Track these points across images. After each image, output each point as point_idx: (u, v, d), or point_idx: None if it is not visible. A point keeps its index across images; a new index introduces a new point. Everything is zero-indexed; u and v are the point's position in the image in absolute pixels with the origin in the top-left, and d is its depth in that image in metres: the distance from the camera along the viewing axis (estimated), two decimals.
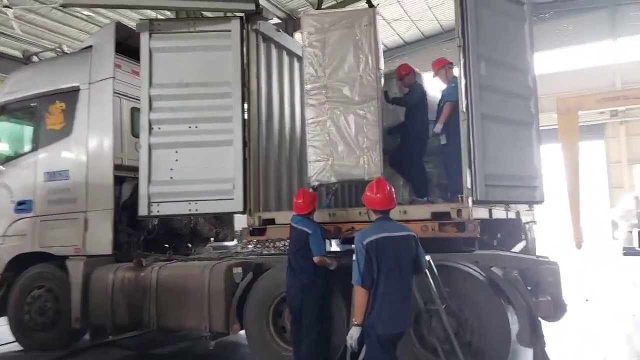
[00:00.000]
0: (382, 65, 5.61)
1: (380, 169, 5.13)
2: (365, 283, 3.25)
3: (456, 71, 5.75)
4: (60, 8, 15.41)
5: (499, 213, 5.48)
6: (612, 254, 15.23)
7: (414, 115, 5.87)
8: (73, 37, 16.74)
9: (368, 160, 5.12)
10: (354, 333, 3.29)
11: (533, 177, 5.07)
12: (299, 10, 16.97)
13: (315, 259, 4.47)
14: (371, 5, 5.70)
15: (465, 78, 4.67)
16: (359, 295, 3.29)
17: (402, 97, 5.96)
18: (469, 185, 4.51)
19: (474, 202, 4.51)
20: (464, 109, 4.62)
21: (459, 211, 4.52)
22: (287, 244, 6.28)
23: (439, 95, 7.69)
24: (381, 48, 6.09)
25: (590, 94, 17.69)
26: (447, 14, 21.91)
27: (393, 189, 3.61)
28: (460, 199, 5.03)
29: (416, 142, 5.87)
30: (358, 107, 5.18)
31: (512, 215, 6.16)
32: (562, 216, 14.33)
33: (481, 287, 4.26)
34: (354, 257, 3.35)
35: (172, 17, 6.57)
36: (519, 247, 6.26)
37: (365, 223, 5.00)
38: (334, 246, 6.59)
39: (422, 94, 5.97)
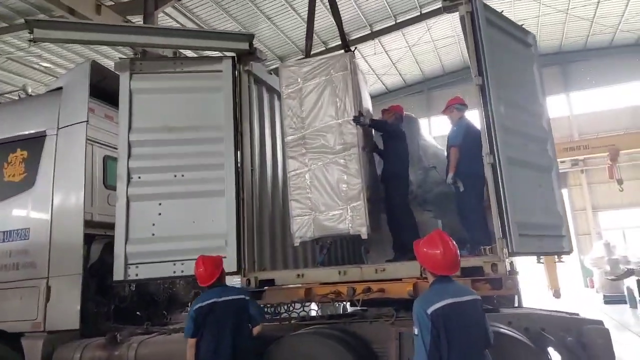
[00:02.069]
0: (368, 108, 5.17)
1: (366, 220, 4.72)
2: None
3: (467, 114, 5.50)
4: (16, 59, 14.73)
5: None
6: (590, 301, 15.06)
7: (390, 153, 5.51)
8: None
9: (352, 212, 4.74)
10: None
11: (559, 226, 4.69)
12: (289, 57, 16.93)
13: (258, 328, 4.04)
14: (347, 50, 5.47)
15: (487, 119, 4.32)
16: None
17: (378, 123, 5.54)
18: (500, 236, 4.04)
19: (508, 254, 4.03)
20: (488, 151, 4.24)
21: (493, 265, 4.01)
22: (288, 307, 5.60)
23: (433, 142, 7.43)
24: (365, 91, 5.73)
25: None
26: (409, 69, 22.67)
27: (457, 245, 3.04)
28: (484, 250, 4.56)
29: (395, 185, 5.40)
30: (339, 157, 4.93)
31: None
32: (533, 265, 14.09)
33: (533, 356, 3.67)
34: (415, 332, 2.71)
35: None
36: (515, 300, 5.78)
37: (386, 282, 4.43)
38: None
39: (399, 132, 5.59)
